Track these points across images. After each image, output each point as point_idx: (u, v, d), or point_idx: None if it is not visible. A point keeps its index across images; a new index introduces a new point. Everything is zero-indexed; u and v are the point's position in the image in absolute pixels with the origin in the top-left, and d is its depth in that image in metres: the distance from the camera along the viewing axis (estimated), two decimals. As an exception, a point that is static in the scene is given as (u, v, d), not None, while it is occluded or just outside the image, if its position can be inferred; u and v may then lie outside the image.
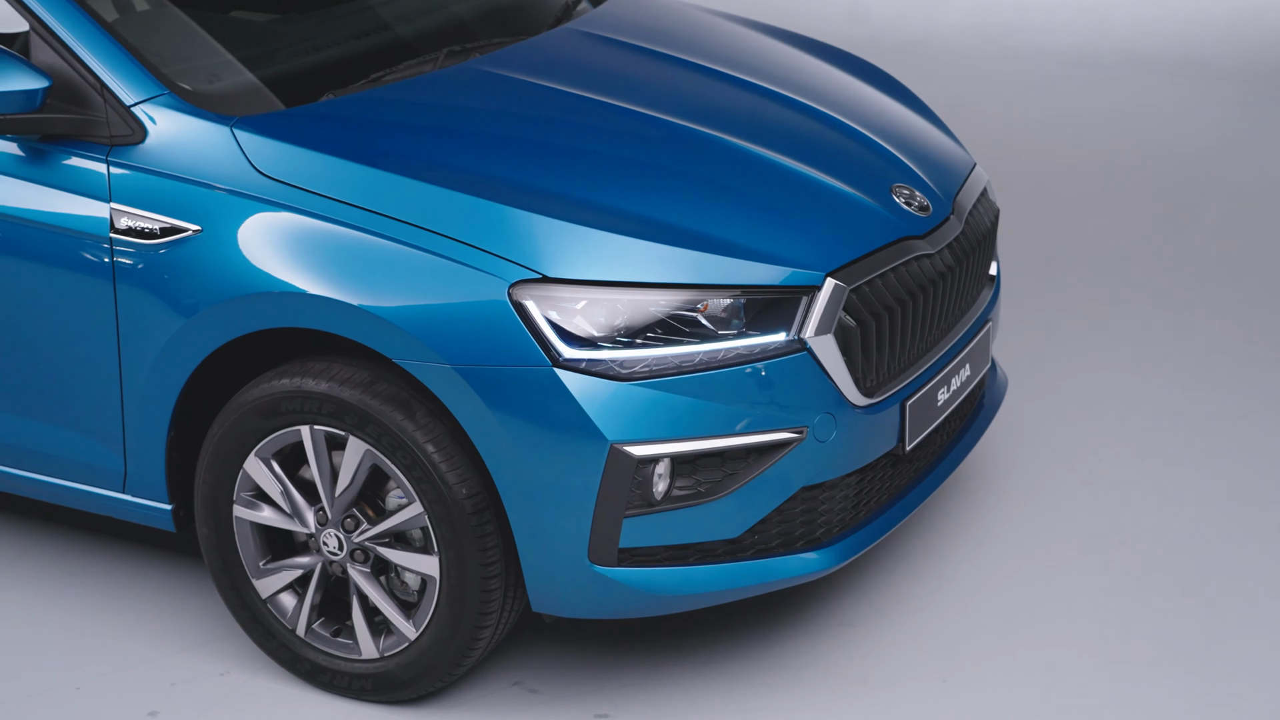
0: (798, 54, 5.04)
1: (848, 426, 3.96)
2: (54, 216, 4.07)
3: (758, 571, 3.94)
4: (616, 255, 3.81)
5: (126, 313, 4.04)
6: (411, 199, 3.84)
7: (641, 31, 4.92)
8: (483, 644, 3.96)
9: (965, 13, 10.00)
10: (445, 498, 3.82)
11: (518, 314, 3.72)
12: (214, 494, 4.09)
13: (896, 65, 9.42)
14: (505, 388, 3.73)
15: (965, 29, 9.90)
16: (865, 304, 3.98)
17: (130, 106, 4.03)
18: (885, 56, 9.52)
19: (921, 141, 4.63)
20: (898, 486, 4.27)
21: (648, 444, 3.75)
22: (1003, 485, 5.02)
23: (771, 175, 4.18)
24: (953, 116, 8.58)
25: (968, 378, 4.42)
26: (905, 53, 9.67)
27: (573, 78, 4.46)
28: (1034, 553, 4.67)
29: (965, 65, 9.51)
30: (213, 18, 4.69)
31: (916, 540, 4.73)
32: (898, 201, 4.24)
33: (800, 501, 3.96)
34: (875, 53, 9.51)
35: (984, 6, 10.00)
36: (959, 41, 9.81)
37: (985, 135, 8.31)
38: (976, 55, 9.65)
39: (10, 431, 4.32)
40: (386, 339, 3.79)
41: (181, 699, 4.14)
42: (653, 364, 3.77)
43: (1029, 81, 9.20)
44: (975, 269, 4.45)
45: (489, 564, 3.86)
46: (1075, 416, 5.42)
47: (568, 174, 4.02)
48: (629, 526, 3.80)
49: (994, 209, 4.66)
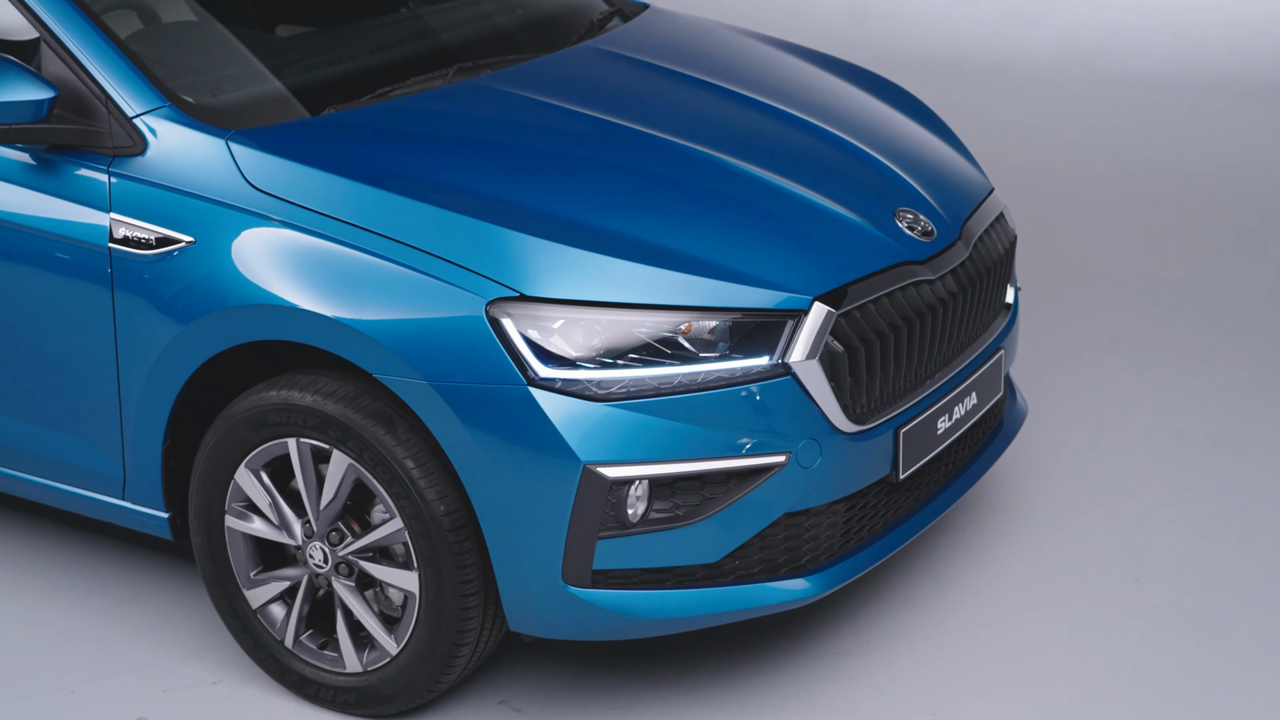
0: (820, 74, 4.99)
1: (834, 453, 3.91)
2: (58, 225, 4.13)
3: (737, 598, 3.90)
4: (597, 275, 3.79)
5: (123, 322, 4.08)
6: (397, 215, 3.85)
7: (662, 50, 4.90)
8: (461, 662, 3.95)
9: (1054, 35, 9.87)
10: (423, 514, 3.82)
11: (494, 331, 3.72)
12: (206, 504, 4.12)
13: (983, 86, 9.35)
14: (480, 405, 3.72)
15: (1054, 51, 9.77)
16: (855, 329, 3.93)
17: (132, 118, 4.08)
18: (972, 78, 9.44)
19: (935, 166, 4.56)
20: (895, 515, 4.20)
21: (622, 465, 3.72)
22: (1027, 516, 4.93)
23: (768, 198, 4.14)
24: (1034, 139, 8.49)
25: (974, 406, 4.35)
26: (992, 73, 9.57)
27: (580, 96, 4.45)
28: (1046, 587, 4.58)
29: (1053, 88, 9.38)
30: (236, 32, 4.73)
31: (927, 569, 4.66)
32: (900, 226, 4.19)
33: (784, 528, 3.92)
34: (960, 74, 9.44)
35: (1073, 29, 9.87)
36: (1047, 63, 9.68)
37: (1065, 158, 8.20)
38: (1064, 78, 9.51)
39: (16, 436, 4.38)
40: (367, 354, 3.79)
41: (171, 706, 4.17)
42: (630, 385, 3.74)
43: (1115, 105, 9.05)
44: (984, 296, 4.37)
45: (466, 581, 3.85)
46: (1111, 447, 5.32)
47: (558, 192, 4.01)
48: (603, 548, 3.77)
49: (1010, 235, 4.58)
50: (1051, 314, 6.33)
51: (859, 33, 10.13)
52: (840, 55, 5.44)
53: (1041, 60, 9.74)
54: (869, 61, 9.62)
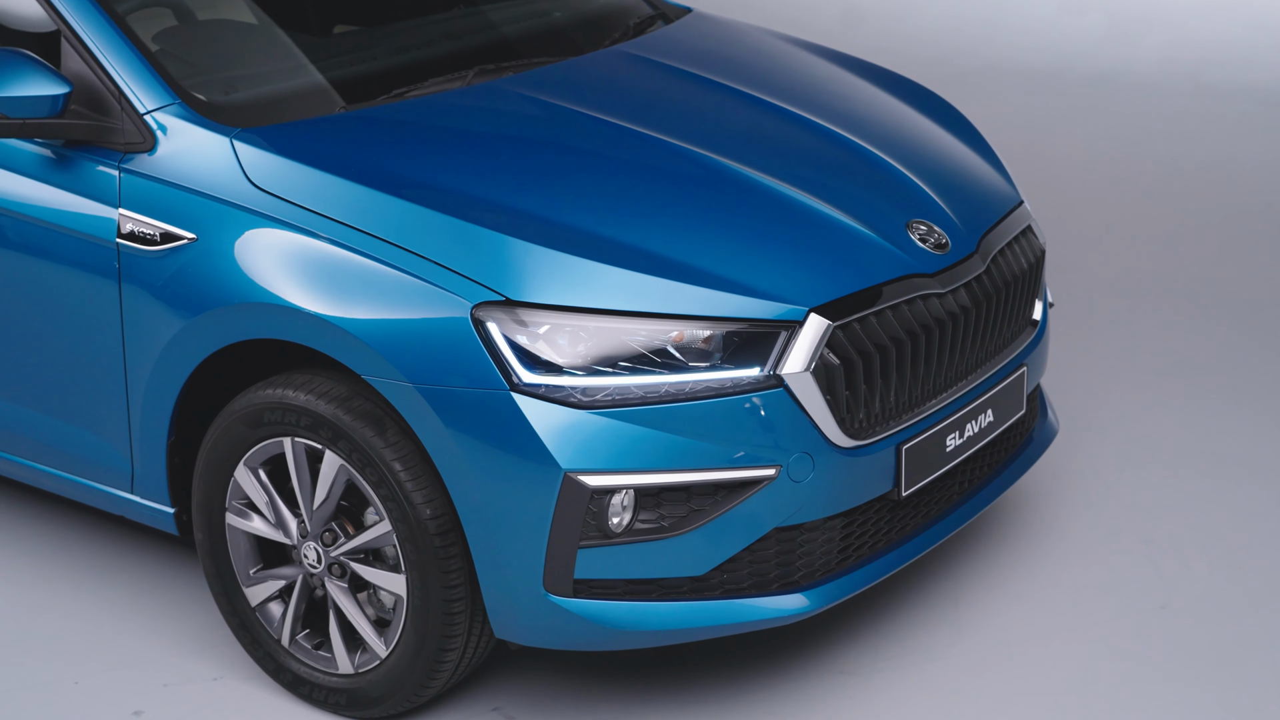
0: (854, 82, 4.90)
1: (828, 468, 3.83)
2: (71, 219, 4.16)
3: (725, 612, 3.84)
4: (586, 281, 3.74)
5: (129, 316, 4.11)
6: (389, 216, 3.84)
7: (694, 54, 4.84)
8: (448, 668, 3.92)
9: (1160, 46, 9.65)
10: (409, 517, 3.80)
11: (478, 335, 3.69)
12: (208, 501, 4.13)
13: (1086, 98, 9.16)
14: (464, 409, 3.69)
15: (1160, 63, 9.55)
16: (854, 342, 3.85)
17: (143, 114, 4.11)
18: (1074, 88, 9.26)
19: (960, 177, 4.46)
20: (900, 532, 4.11)
21: (604, 474, 3.67)
22: (1057, 537, 4.81)
23: (774, 207, 4.06)
24: (1134, 151, 8.31)
25: (989, 424, 4.24)
26: (1100, 85, 9.38)
27: (596, 100, 4.41)
28: (1068, 612, 4.46)
29: (1157, 100, 9.18)
30: (269, 31, 4.74)
31: (945, 588, 4.55)
32: (912, 238, 4.10)
33: (775, 542, 3.84)
34: (1063, 83, 9.27)
35: (1180, 41, 9.64)
36: (1152, 75, 9.47)
37: (1162, 172, 8.01)
38: (1170, 90, 9.30)
39: (31, 427, 4.42)
40: (356, 355, 3.78)
41: (169, 700, 4.19)
42: (615, 393, 3.69)
43: (1219, 119, 8.83)
44: (1004, 311, 4.26)
45: (451, 587, 3.82)
46: (1150, 470, 5.17)
47: (557, 197, 3.97)
48: (585, 557, 3.72)
49: (1037, 248, 4.46)
50: (1117, 330, 6.19)
51: (958, 41, 9.98)
52: (929, 65, 5.33)
53: (1146, 72, 9.54)
54: (971, 72, 9.49)
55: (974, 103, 8.94)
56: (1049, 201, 7.44)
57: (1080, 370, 5.84)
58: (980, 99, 9.11)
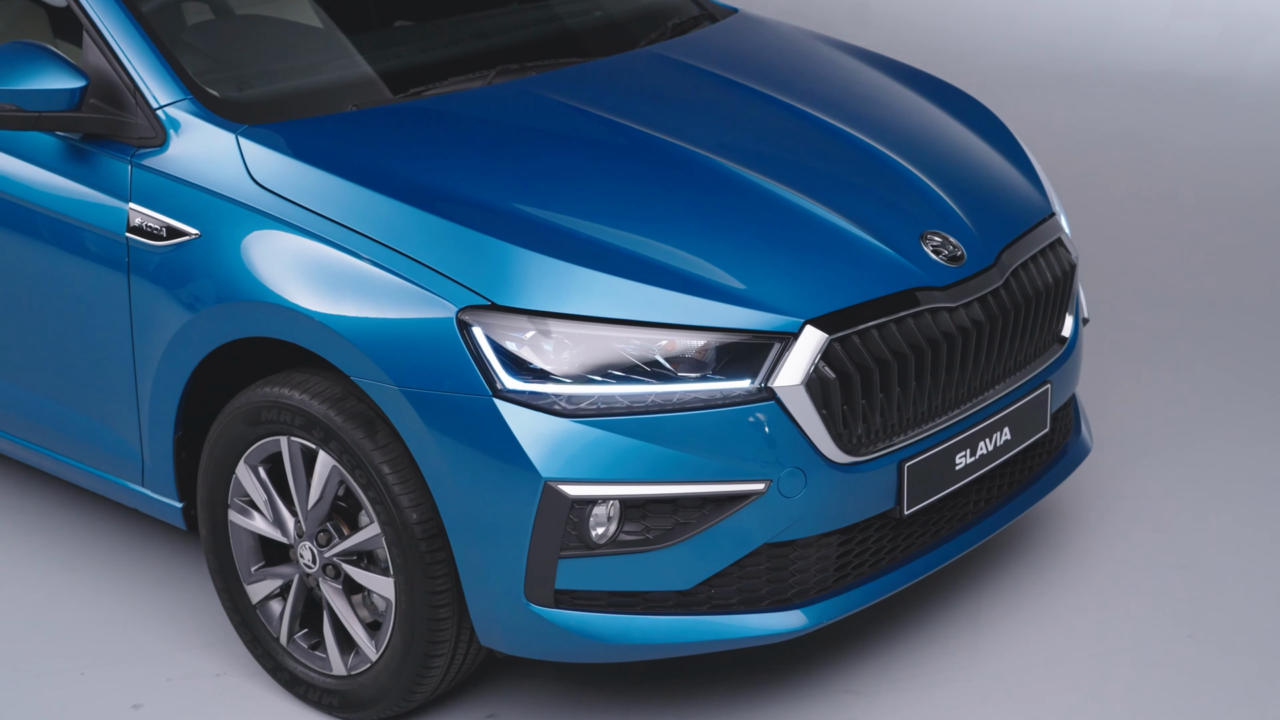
0: (888, 86, 4.78)
1: (822, 484, 3.74)
2: (85, 211, 4.18)
3: (711, 628, 3.76)
4: (574, 287, 3.68)
5: (137, 310, 4.12)
6: (383, 217, 3.80)
7: (728, 57, 4.75)
8: (435, 674, 3.88)
9: (1275, 51, 9.37)
10: (395, 521, 3.77)
11: (463, 339, 3.64)
12: (211, 497, 4.13)
13: (1196, 103, 8.92)
14: (447, 414, 3.65)
15: (1274, 68, 9.27)
16: (853, 356, 3.75)
17: (155, 109, 4.11)
18: (1181, 94, 9.02)
19: (986, 187, 4.34)
20: (905, 551, 4.01)
21: (585, 485, 3.61)
22: (1091, 560, 4.66)
23: (782, 216, 3.97)
24: (1241, 160, 8.06)
25: (1006, 442, 4.12)
26: (1211, 90, 9.13)
27: (615, 102, 4.34)
28: (1090, 637, 4.32)
29: (1268, 107, 8.91)
30: (301, 28, 4.73)
31: (964, 608, 4.43)
32: (925, 249, 3.99)
33: (766, 559, 3.76)
34: (1174, 88, 9.03)
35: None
36: (1265, 81, 9.20)
37: (1274, 181, 7.78)
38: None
39: (51, 417, 4.45)
40: (345, 356, 3.76)
41: (170, 695, 4.19)
42: (600, 402, 3.63)
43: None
44: (1024, 326, 4.14)
45: (437, 593, 3.78)
46: (1196, 491, 5.00)
47: (556, 201, 3.91)
48: (566, 567, 3.67)
49: (1066, 262, 4.32)
50: (1184, 346, 6.01)
51: (1069, 43, 9.77)
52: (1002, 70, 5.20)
53: (1260, 78, 9.27)
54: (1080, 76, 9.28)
55: (1083, 107, 8.76)
56: (1154, 208, 7.26)
57: (1142, 386, 5.67)
58: (1089, 103, 8.92)
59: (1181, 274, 6.69)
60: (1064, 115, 8.76)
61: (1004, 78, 9.44)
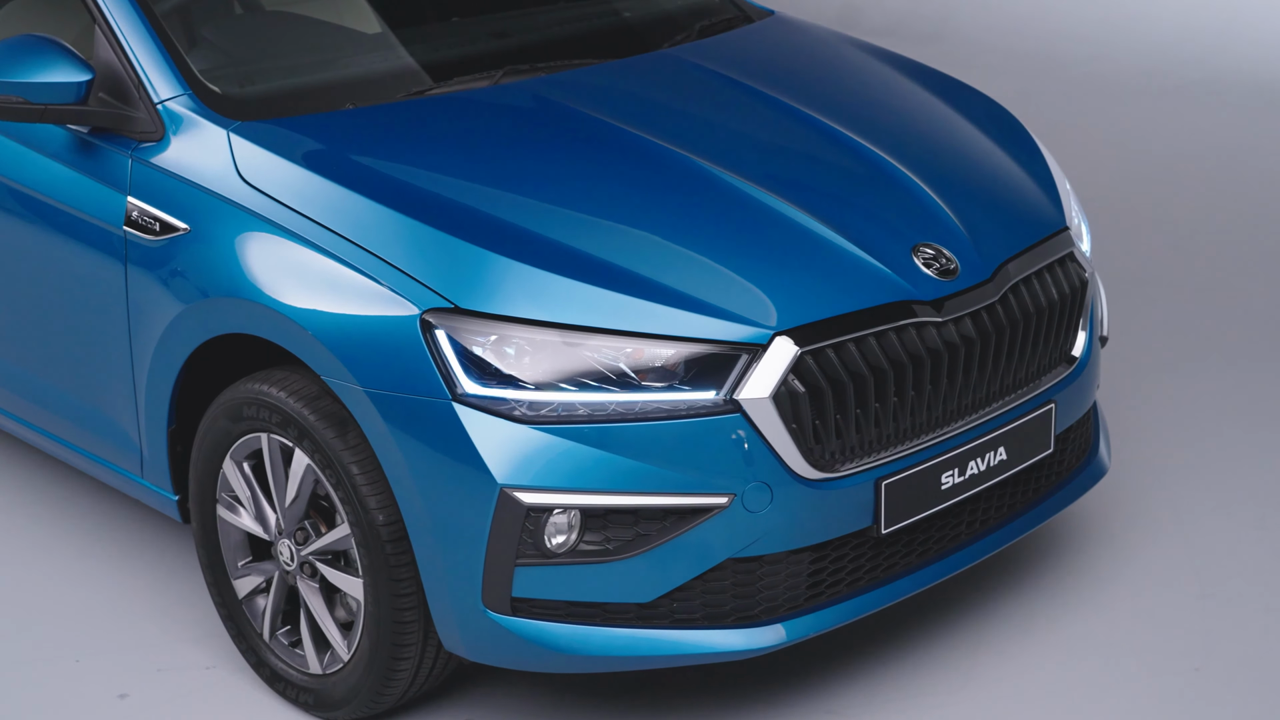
0: (910, 94, 4.66)
1: (790, 499, 3.66)
2: (87, 204, 4.23)
3: (671, 644, 3.70)
4: (540, 292, 3.64)
5: (134, 304, 4.16)
6: (359, 217, 3.79)
7: (745, 61, 4.67)
8: (402, 678, 3.86)
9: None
10: (363, 522, 3.75)
11: (425, 342, 3.62)
12: (201, 491, 4.15)
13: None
14: (409, 416, 3.63)
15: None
16: (826, 369, 3.67)
17: (156, 104, 4.14)
18: (1249, 99, 8.73)
19: (994, 200, 4.22)
20: (887, 570, 3.91)
21: (542, 492, 3.57)
22: (1108, 584, 4.52)
23: (765, 224, 3.89)
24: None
25: (1001, 462, 4.00)
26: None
27: (615, 106, 4.28)
28: (1093, 667, 4.19)
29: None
30: (324, 25, 4.73)
31: (969, 631, 4.31)
32: (915, 262, 3.89)
33: (731, 574, 3.69)
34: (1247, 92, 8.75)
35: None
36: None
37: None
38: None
39: (57, 403, 4.50)
40: (316, 355, 3.76)
41: (156, 686, 4.22)
42: (560, 409, 3.59)
43: None
44: (1025, 343, 4.01)
45: (401, 595, 3.76)
46: (1238, 518, 4.82)
47: (535, 205, 3.87)
48: (522, 575, 3.63)
49: (1078, 278, 4.19)
50: (1234, 369, 5.81)
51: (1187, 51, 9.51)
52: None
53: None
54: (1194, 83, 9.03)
55: (1190, 115, 8.53)
56: (1250, 221, 7.06)
57: (1184, 405, 5.50)
58: (1203, 112, 8.69)
59: (1246, 294, 6.48)
60: (1173, 125, 8.53)
61: (1123, 84, 9.23)
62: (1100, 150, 8.14)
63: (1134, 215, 7.26)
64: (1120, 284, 6.39)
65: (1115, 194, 7.50)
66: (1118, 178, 7.74)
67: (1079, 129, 8.47)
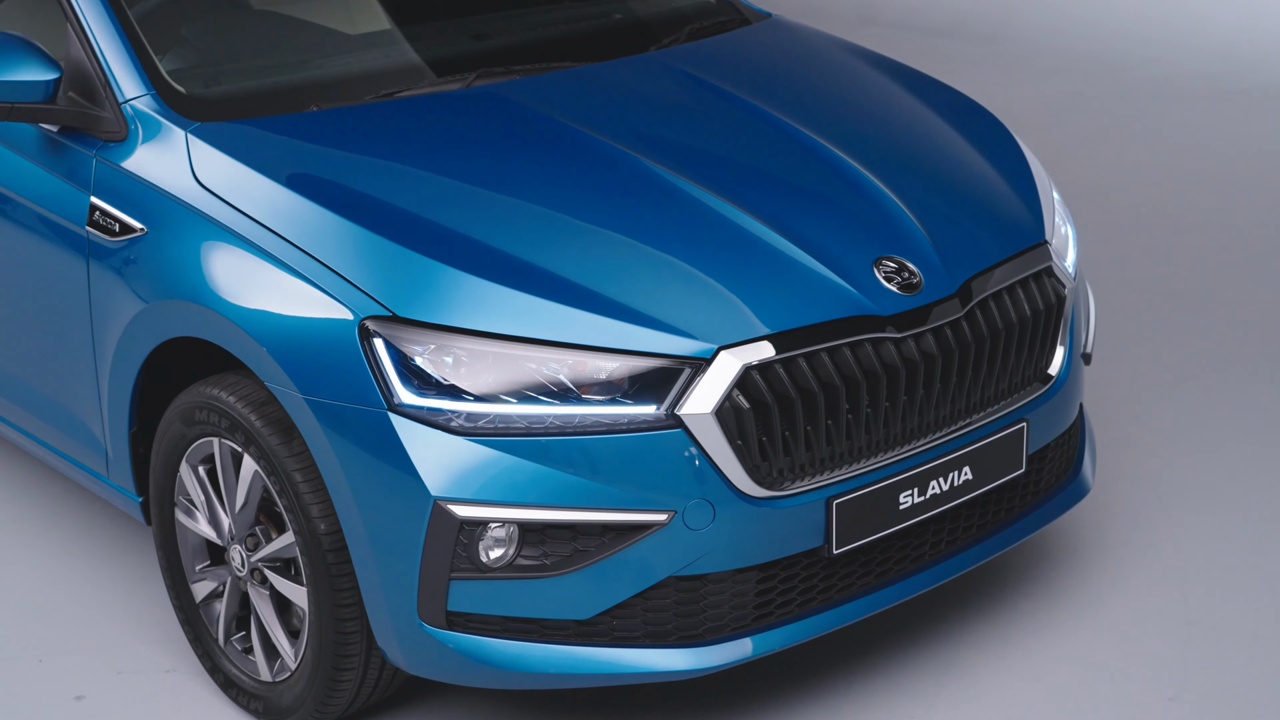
0: (896, 103, 4.54)
1: (734, 518, 3.58)
2: (53, 203, 4.22)
3: (610, 662, 3.62)
4: (481, 302, 3.58)
5: (95, 304, 4.14)
6: (305, 221, 3.75)
7: (727, 66, 4.57)
8: (346, 689, 3.81)
9: None
10: (305, 530, 3.71)
11: (363, 350, 3.56)
12: (160, 494, 4.12)
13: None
14: (346, 425, 3.58)
15: None
16: (774, 385, 3.58)
17: (121, 104, 4.11)
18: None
19: (967, 212, 4.10)
20: (843, 590, 3.81)
21: (476, 505, 3.50)
22: (1091, 610, 4.39)
23: (722, 237, 3.80)
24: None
25: (966, 483, 3.89)
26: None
27: (582, 110, 4.20)
28: (1062, 694, 4.07)
29: None
30: (298, 24, 4.68)
31: (943, 652, 4.20)
32: (876, 276, 3.79)
33: (674, 592, 3.61)
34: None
35: None
36: None
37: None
38: None
39: (33, 401, 4.49)
40: (259, 361, 3.71)
41: (114, 688, 4.20)
42: (497, 421, 3.52)
43: None
44: (995, 360, 3.90)
45: (343, 605, 3.71)
46: (1227, 544, 4.68)
47: (483, 213, 3.80)
48: (458, 589, 3.57)
49: (1054, 293, 4.06)
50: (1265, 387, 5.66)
51: (1249, 54, 9.30)
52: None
53: None
54: (1257, 88, 8.81)
55: (1251, 120, 8.33)
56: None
57: (1201, 418, 5.35)
58: (1261, 116, 8.49)
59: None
60: (1232, 129, 8.34)
61: (1182, 87, 9.04)
62: (1150, 154, 7.96)
63: (1176, 220, 7.09)
64: (1151, 294, 6.25)
65: (1161, 199, 7.33)
66: (1166, 182, 7.56)
67: (1129, 132, 8.31)
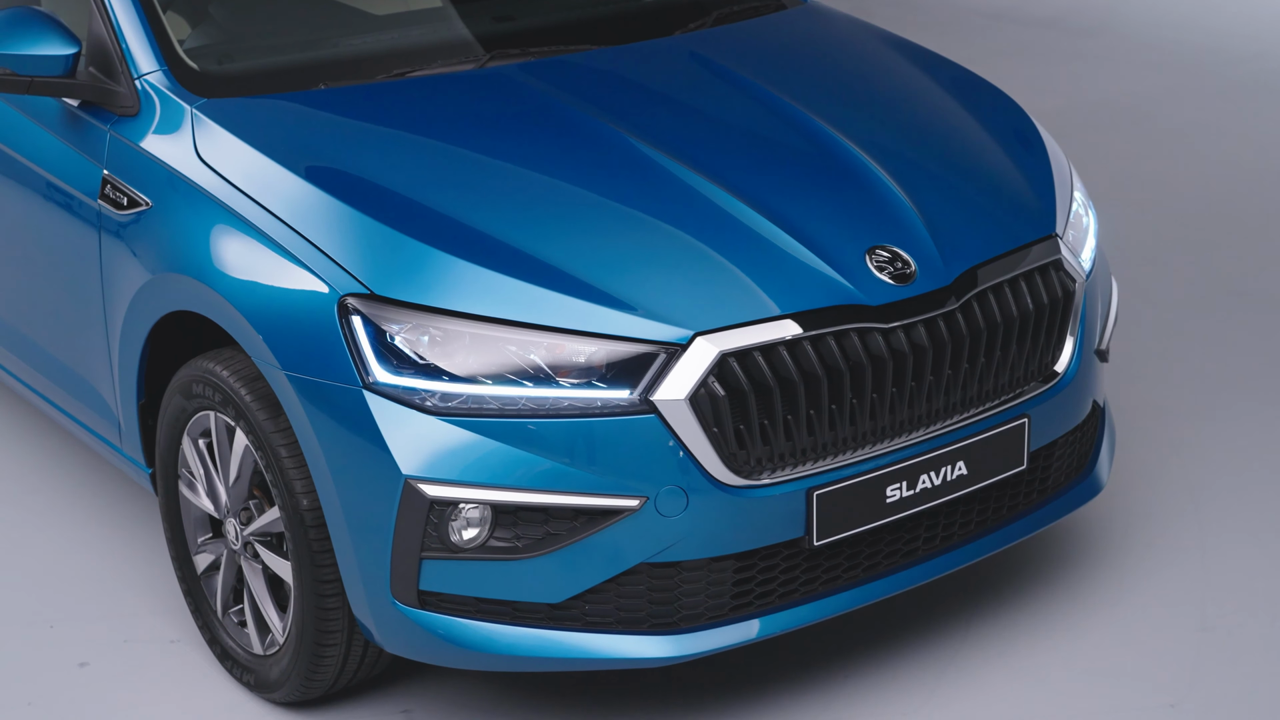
0: (916, 91, 4.46)
1: (708, 505, 3.55)
2: (70, 175, 4.28)
3: (581, 647, 3.60)
4: (460, 283, 3.57)
5: (106, 277, 4.19)
6: (295, 199, 3.77)
7: (745, 51, 4.52)
8: (330, 664, 3.82)
9: None
10: (288, 505, 3.73)
11: (340, 327, 3.57)
12: (165, 466, 4.17)
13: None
14: (323, 402, 3.60)
15: None
16: (752, 373, 3.54)
17: (135, 79, 4.15)
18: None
19: (974, 203, 4.03)
20: (826, 583, 3.76)
21: (447, 486, 3.50)
22: (1105, 611, 4.29)
23: (711, 222, 3.76)
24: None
25: (961, 477, 3.83)
26: None
27: (589, 93, 4.17)
28: (1062, 699, 3.98)
29: None
30: (324, 2, 4.69)
31: (946, 648, 4.12)
32: (868, 265, 3.73)
33: (647, 579, 3.58)
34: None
35: None
36: None
37: None
38: None
39: (56, 371, 4.55)
40: (246, 336, 3.74)
41: (118, 657, 4.25)
42: (470, 402, 3.51)
43: None
44: (989, 353, 3.83)
45: (324, 581, 3.73)
46: (1258, 546, 4.56)
47: (473, 194, 3.79)
48: (429, 569, 3.57)
49: (1061, 287, 3.97)
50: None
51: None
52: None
53: None
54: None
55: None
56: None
57: (1238, 422, 5.22)
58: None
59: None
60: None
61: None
62: (1243, 152, 7.77)
63: (1253, 219, 6.92)
64: (1218, 293, 6.12)
65: (1239, 197, 7.16)
66: (1248, 180, 7.38)
67: (1222, 130, 8.11)
